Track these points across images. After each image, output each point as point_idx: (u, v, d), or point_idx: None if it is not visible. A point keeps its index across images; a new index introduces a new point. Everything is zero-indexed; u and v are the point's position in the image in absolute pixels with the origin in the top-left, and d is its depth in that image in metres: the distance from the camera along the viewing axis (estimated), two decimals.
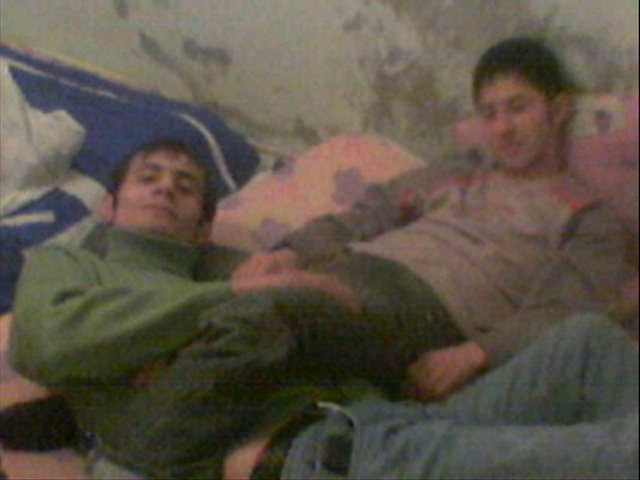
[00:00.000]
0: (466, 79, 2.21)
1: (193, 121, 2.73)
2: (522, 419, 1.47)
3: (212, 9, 2.82)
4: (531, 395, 1.47)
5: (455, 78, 2.42)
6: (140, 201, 1.87)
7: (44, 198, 2.39)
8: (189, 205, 1.91)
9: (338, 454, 1.36)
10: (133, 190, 1.90)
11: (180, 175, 1.91)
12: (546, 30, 2.19)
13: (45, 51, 3.22)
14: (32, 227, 2.30)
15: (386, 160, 2.48)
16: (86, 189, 2.44)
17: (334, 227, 2.12)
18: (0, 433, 1.63)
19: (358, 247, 1.99)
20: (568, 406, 1.45)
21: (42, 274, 1.68)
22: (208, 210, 2.00)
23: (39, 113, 2.53)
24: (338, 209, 2.28)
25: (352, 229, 2.13)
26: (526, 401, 1.48)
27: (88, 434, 1.60)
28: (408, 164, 2.45)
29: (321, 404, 1.46)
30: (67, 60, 3.17)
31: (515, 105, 2.02)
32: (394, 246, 1.96)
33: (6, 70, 2.61)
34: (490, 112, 2.05)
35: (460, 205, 2.07)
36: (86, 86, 2.93)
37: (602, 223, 1.95)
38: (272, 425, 1.43)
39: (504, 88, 2.03)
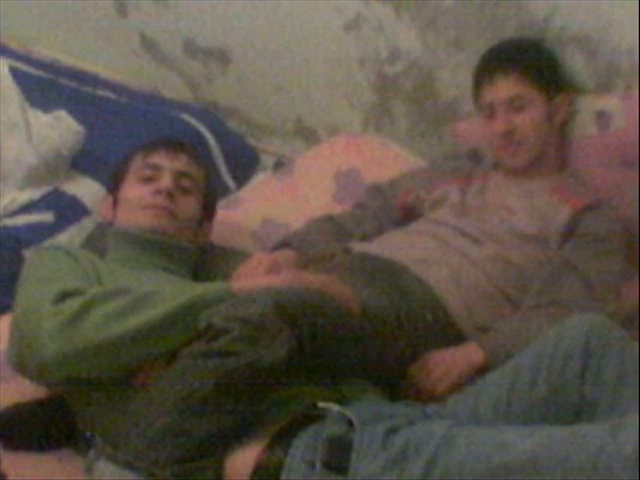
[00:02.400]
0: (466, 79, 2.21)
1: (193, 121, 2.73)
2: (522, 419, 1.47)
3: (212, 9, 2.82)
4: (531, 395, 1.47)
5: (455, 78, 2.42)
6: (140, 201, 1.87)
7: (44, 198, 2.38)
8: (189, 205, 1.91)
9: (338, 454, 1.36)
10: (133, 190, 1.90)
11: (180, 175, 1.91)
12: (546, 30, 2.19)
13: (45, 51, 3.22)
14: (32, 227, 2.30)
15: (386, 160, 2.47)
16: (86, 189, 2.44)
17: (334, 227, 2.12)
18: (0, 433, 1.63)
19: (358, 247, 1.99)
20: (568, 406, 1.45)
21: (42, 274, 1.68)
22: (208, 210, 2.00)
23: (39, 113, 2.53)
24: (338, 209, 2.28)
25: (352, 229, 2.13)
26: (526, 401, 1.48)
27: (88, 434, 1.60)
28: (408, 164, 2.45)
29: (321, 404, 1.46)
30: (67, 60, 3.17)
31: (515, 105, 2.02)
32: (394, 246, 1.96)
33: (6, 70, 2.61)
34: (490, 112, 2.05)
35: (460, 205, 2.07)
36: (86, 86, 2.93)
37: (602, 223, 1.95)
38: (272, 425, 1.43)
39: (504, 88, 2.02)
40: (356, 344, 1.60)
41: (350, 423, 1.41)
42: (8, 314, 1.76)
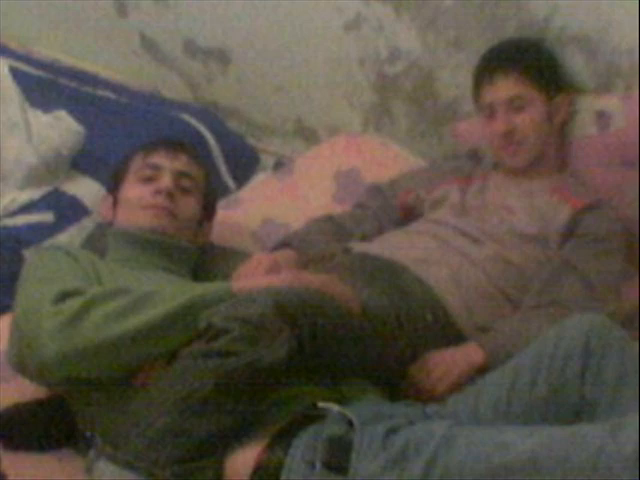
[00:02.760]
0: (466, 79, 2.21)
1: (193, 121, 2.73)
2: (522, 419, 1.47)
3: (212, 9, 2.82)
4: (531, 395, 1.47)
5: (455, 78, 2.42)
6: (140, 201, 1.87)
7: (44, 198, 2.39)
8: (189, 205, 1.91)
9: (338, 454, 1.36)
10: (133, 190, 1.90)
11: (180, 175, 1.91)
12: (546, 30, 2.19)
13: (45, 51, 3.22)
14: (32, 227, 2.30)
15: (386, 160, 2.47)
16: (86, 189, 2.44)
17: (334, 227, 2.12)
18: (0, 433, 1.63)
19: (358, 247, 1.99)
20: (568, 406, 1.45)
21: (42, 274, 1.68)
22: (208, 210, 2.00)
23: (39, 113, 2.53)
24: (338, 209, 2.28)
25: (352, 229, 2.13)
26: (526, 401, 1.48)
27: (88, 434, 1.60)
28: (408, 164, 2.45)
29: (321, 404, 1.46)
30: (67, 60, 3.17)
31: (515, 105, 2.02)
32: (394, 246, 1.96)
33: (6, 70, 2.61)
34: (490, 112, 2.05)
35: (460, 205, 2.07)
36: (86, 86, 2.93)
37: (602, 223, 1.95)
38: (272, 425, 1.43)
39: (504, 88, 2.03)
40: (356, 344, 1.60)
41: (350, 423, 1.41)
42: (8, 314, 1.76)
